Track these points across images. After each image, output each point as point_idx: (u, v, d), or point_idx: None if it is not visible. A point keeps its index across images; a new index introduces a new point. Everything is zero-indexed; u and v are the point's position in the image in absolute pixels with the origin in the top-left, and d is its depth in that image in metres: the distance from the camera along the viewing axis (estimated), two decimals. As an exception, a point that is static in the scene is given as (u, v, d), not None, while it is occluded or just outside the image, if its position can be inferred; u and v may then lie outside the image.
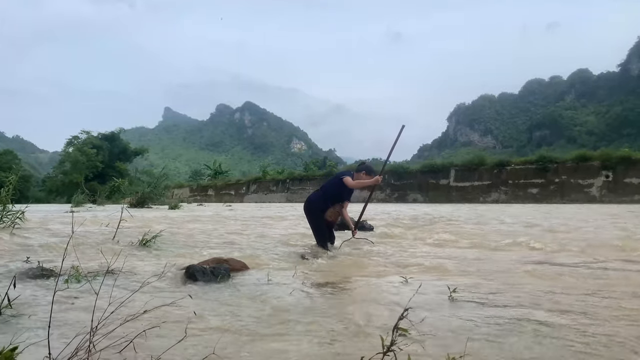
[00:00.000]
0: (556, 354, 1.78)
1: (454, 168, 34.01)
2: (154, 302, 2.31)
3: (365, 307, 2.57)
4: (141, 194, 20.31)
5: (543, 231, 7.45)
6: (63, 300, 2.52)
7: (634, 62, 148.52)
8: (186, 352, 1.73)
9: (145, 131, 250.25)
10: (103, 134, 61.91)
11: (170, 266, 3.58)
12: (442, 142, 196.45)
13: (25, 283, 2.94)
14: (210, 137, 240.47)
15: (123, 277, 3.21)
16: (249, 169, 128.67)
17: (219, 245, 5.68)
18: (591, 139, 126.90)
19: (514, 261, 4.43)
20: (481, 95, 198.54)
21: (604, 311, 2.46)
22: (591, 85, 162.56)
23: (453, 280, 3.32)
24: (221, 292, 2.95)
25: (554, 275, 3.68)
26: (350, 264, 4.34)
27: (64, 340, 1.77)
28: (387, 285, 3.25)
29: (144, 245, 4.96)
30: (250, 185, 48.86)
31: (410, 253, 5.14)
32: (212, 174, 63.18)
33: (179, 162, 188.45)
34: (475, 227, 8.39)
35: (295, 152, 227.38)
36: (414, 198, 34.62)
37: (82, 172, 53.10)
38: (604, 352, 1.81)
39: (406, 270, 3.81)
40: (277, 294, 2.90)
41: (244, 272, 3.71)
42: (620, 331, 2.07)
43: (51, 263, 3.48)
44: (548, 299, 2.78)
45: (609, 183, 26.89)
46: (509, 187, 30.59)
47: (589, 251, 5.08)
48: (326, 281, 3.45)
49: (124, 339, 1.69)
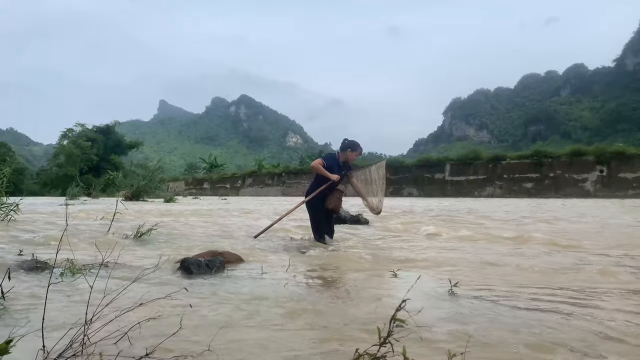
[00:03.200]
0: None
1: (449, 162, 34.10)
2: (149, 294, 2.30)
3: (361, 300, 2.58)
4: (136, 187, 20.25)
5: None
6: (57, 293, 2.51)
7: (629, 57, 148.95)
8: (181, 344, 1.73)
9: (141, 124, 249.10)
10: (98, 127, 61.44)
11: (165, 259, 3.57)
12: (438, 137, 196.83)
13: (19, 276, 2.92)
14: (206, 131, 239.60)
15: (118, 270, 3.20)
16: (244, 163, 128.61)
17: (214, 238, 5.68)
18: (586, 134, 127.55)
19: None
20: (477, 89, 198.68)
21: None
22: (586, 81, 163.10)
23: (448, 273, 3.33)
24: (216, 284, 2.95)
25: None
26: (346, 257, 4.34)
27: (58, 332, 1.76)
28: (382, 278, 3.26)
29: (139, 238, 4.95)
30: (245, 178, 48.80)
31: (408, 246, 5.15)
32: (208, 167, 63.07)
33: (174, 155, 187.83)
34: (471, 216, 8.42)
35: (291, 146, 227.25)
36: (409, 192, 34.70)
37: (76, 165, 52.75)
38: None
39: (402, 264, 3.82)
40: (270, 286, 2.90)
41: (239, 264, 3.71)
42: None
43: (45, 256, 3.46)
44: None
45: (603, 178, 27.06)
46: (504, 181, 30.73)
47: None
48: (321, 274, 3.45)
49: (118, 331, 1.68)
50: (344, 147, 5.31)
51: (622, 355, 1.70)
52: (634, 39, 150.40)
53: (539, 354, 1.70)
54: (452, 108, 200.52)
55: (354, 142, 5.33)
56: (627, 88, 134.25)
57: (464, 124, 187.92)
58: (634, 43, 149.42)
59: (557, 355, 1.69)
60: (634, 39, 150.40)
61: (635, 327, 2.06)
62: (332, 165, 5.20)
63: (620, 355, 1.71)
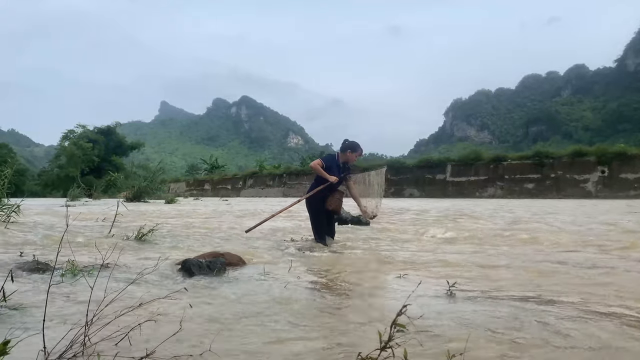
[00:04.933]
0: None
1: (451, 163, 34.04)
2: (149, 295, 2.31)
3: (362, 302, 2.57)
4: (137, 188, 20.28)
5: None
6: (58, 294, 2.51)
7: (630, 57, 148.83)
8: (181, 345, 1.73)
9: (142, 125, 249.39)
10: (99, 128, 61.56)
11: (166, 260, 3.58)
12: (439, 137, 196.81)
13: (20, 277, 2.93)
14: (207, 131, 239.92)
15: (119, 271, 3.20)
16: (245, 164, 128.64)
17: (215, 239, 5.68)
18: (587, 135, 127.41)
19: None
20: (478, 90, 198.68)
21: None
22: (587, 81, 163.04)
23: (449, 275, 3.32)
24: (217, 285, 2.95)
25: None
26: (347, 258, 4.34)
27: (59, 333, 1.76)
28: (383, 280, 3.26)
29: (140, 239, 4.95)
30: (246, 179, 48.80)
31: (408, 247, 5.14)
32: (209, 168, 63.08)
33: (176, 156, 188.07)
34: (471, 219, 8.41)
35: (292, 147, 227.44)
36: (411, 193, 34.67)
37: (78, 166, 52.83)
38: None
39: (403, 266, 3.82)
40: (272, 287, 2.89)
41: (240, 266, 3.71)
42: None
43: (46, 257, 3.46)
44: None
45: (605, 178, 26.99)
46: (505, 182, 30.67)
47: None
48: (322, 275, 3.45)
49: (119, 331, 1.68)
50: (344, 148, 5.30)
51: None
52: (635, 39, 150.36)
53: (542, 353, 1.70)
54: (453, 108, 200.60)
55: (354, 142, 5.32)
56: (628, 88, 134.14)
57: (465, 125, 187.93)
58: (635, 43, 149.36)
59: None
60: (635, 39, 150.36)
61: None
62: (332, 166, 5.19)
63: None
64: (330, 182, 5.10)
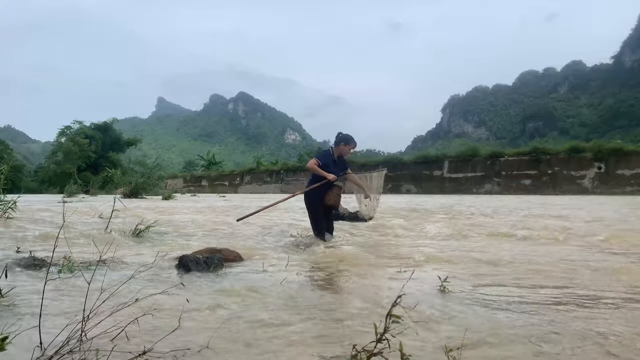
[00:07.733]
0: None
1: (448, 159, 34.09)
2: (146, 291, 2.30)
3: (358, 296, 2.58)
4: (134, 185, 20.23)
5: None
6: (55, 290, 2.50)
7: (627, 54, 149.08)
8: (179, 341, 1.73)
9: (139, 121, 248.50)
10: (96, 124, 61.16)
11: (163, 256, 3.57)
12: (436, 134, 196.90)
13: (16, 273, 2.92)
14: (204, 128, 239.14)
15: (115, 267, 3.19)
16: (242, 160, 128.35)
17: (213, 235, 5.68)
18: (584, 131, 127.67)
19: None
20: (475, 86, 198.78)
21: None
22: (584, 77, 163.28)
23: (447, 270, 3.33)
24: (214, 281, 2.95)
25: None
26: (345, 254, 4.34)
27: (55, 329, 1.76)
28: (380, 274, 3.26)
29: (137, 235, 4.94)
30: (244, 176, 48.73)
31: (406, 243, 5.15)
32: (206, 164, 62.93)
33: (173, 152, 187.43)
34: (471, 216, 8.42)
35: (289, 143, 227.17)
36: (408, 189, 34.71)
37: (74, 162, 52.57)
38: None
39: (400, 261, 3.82)
40: (269, 283, 2.89)
41: (237, 262, 3.71)
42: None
43: (43, 253, 3.45)
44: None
45: (601, 174, 27.09)
46: (502, 178, 30.75)
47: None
48: (320, 271, 3.45)
49: (115, 327, 1.68)
50: (337, 141, 5.31)
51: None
52: (632, 35, 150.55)
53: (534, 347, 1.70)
54: (450, 105, 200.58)
55: (347, 135, 5.34)
56: (625, 85, 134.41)
57: (463, 121, 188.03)
58: (631, 40, 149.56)
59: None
60: (632, 35, 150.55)
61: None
62: (328, 163, 5.18)
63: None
64: (329, 180, 5.09)
